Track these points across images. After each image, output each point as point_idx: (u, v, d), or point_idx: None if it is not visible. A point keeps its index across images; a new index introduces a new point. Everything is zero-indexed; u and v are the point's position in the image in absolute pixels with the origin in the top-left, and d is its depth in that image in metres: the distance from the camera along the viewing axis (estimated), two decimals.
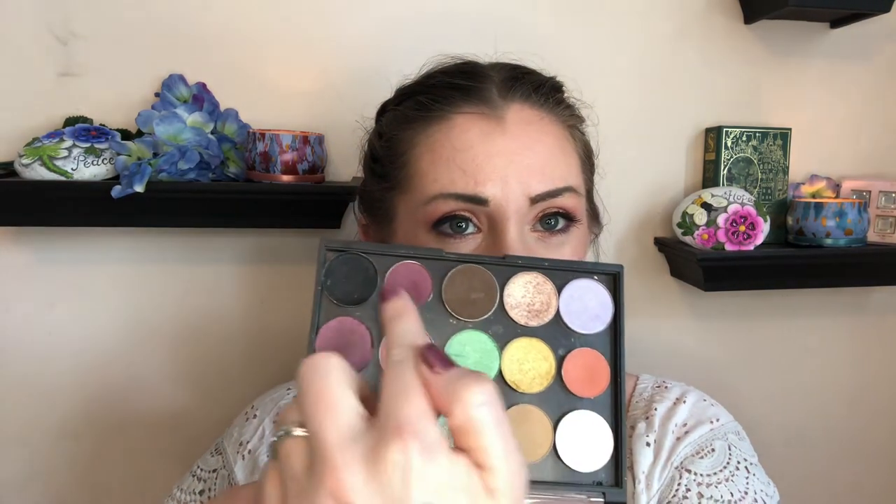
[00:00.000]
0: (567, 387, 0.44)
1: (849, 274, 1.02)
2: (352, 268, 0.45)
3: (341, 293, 0.44)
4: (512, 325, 0.45)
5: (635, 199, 1.05)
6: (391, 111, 0.67)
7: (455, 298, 0.45)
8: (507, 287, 0.46)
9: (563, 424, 0.43)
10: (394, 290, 0.37)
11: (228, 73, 0.91)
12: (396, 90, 0.69)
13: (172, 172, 0.83)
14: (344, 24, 0.94)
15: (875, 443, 1.16)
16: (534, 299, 0.46)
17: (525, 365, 0.44)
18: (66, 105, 0.88)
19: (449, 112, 0.61)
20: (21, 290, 0.91)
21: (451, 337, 0.44)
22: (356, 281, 0.44)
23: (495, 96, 0.61)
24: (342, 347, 0.43)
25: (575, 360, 0.45)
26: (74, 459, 0.95)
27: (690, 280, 1.02)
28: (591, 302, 0.46)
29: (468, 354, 0.44)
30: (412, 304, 0.37)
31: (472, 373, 0.32)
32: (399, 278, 0.45)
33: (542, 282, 0.46)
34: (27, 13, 0.87)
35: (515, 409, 0.43)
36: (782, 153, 1.03)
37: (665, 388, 0.71)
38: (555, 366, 0.44)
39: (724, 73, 1.04)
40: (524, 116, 0.61)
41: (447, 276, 0.45)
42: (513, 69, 0.65)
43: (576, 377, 0.44)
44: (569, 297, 0.46)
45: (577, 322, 0.45)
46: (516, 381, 0.44)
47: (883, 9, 0.97)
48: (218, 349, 0.96)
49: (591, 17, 1.00)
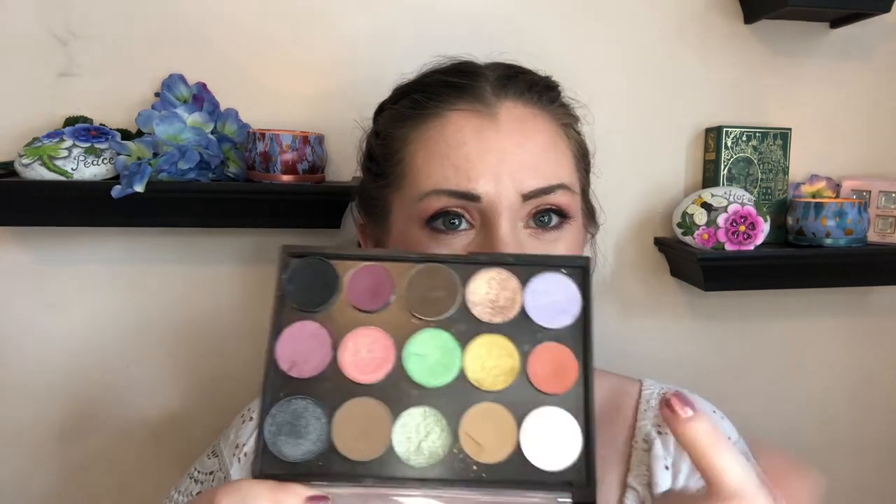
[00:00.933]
0: (532, 383, 0.43)
1: (849, 274, 1.02)
2: (313, 272, 0.45)
3: (302, 297, 0.44)
4: (475, 322, 0.44)
5: (635, 198, 1.04)
6: (388, 110, 0.67)
7: (416, 297, 0.44)
8: (470, 284, 0.45)
9: (529, 422, 0.42)
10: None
11: (228, 73, 0.91)
12: (393, 90, 0.70)
13: (172, 172, 0.83)
14: (344, 24, 0.94)
15: (875, 442, 1.16)
16: (498, 295, 0.45)
17: (488, 362, 0.43)
18: (66, 105, 0.89)
19: (443, 109, 0.61)
20: (21, 290, 0.91)
21: (410, 336, 0.44)
22: (317, 285, 0.44)
23: (489, 94, 0.61)
24: (302, 352, 0.43)
25: (541, 355, 0.43)
26: (74, 459, 0.95)
27: (690, 280, 1.02)
28: (559, 296, 0.45)
29: (429, 353, 0.43)
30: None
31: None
32: (360, 281, 0.45)
33: (507, 277, 0.45)
34: (27, 13, 0.87)
35: (478, 407, 0.42)
36: (782, 153, 1.03)
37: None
38: (519, 362, 0.43)
39: (724, 73, 1.04)
40: (517, 114, 0.61)
41: (409, 276, 0.45)
42: (507, 68, 0.66)
43: (542, 374, 0.43)
44: (534, 292, 0.45)
45: (543, 317, 0.44)
46: (479, 378, 0.43)
47: (883, 9, 0.97)
48: (218, 349, 0.96)
49: (591, 17, 1.00)
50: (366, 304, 0.44)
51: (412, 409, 0.42)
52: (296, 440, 0.41)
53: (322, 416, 0.42)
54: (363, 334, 0.44)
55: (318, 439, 0.41)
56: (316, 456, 0.41)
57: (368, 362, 0.43)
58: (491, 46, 0.76)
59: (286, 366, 0.43)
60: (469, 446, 0.41)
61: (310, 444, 0.41)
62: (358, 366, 0.43)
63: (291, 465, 0.41)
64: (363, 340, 0.44)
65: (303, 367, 0.43)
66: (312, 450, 0.41)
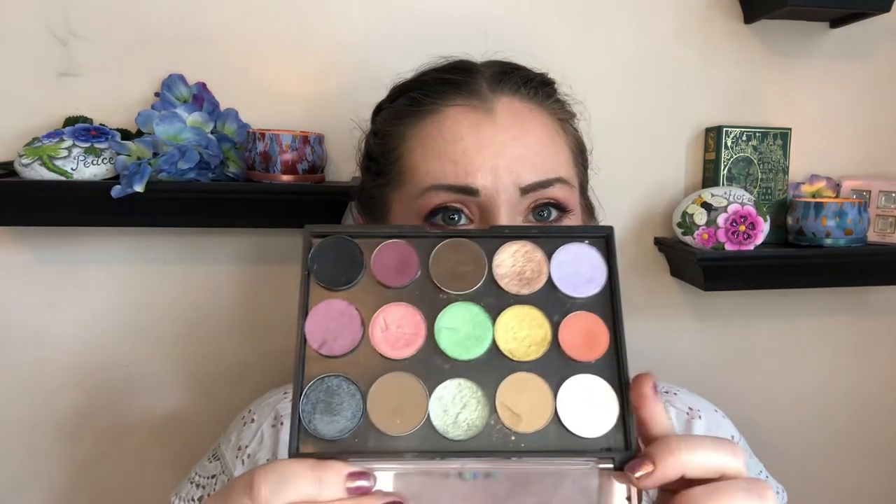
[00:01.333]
0: (565, 352, 0.43)
1: (849, 274, 1.02)
2: (337, 251, 0.45)
3: (328, 277, 0.44)
4: (503, 294, 0.44)
5: (635, 198, 1.04)
6: (385, 109, 0.68)
7: (443, 273, 0.45)
8: (496, 258, 0.45)
9: (564, 390, 0.42)
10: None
11: (228, 73, 0.91)
12: (390, 89, 0.70)
13: (172, 172, 0.83)
14: (344, 24, 0.94)
15: (875, 442, 1.16)
16: (524, 267, 0.45)
17: (520, 333, 0.44)
18: (66, 105, 0.89)
19: (440, 105, 0.61)
20: (21, 290, 0.91)
21: (441, 311, 0.44)
22: (342, 264, 0.44)
23: (485, 89, 0.62)
24: (332, 330, 0.43)
25: (571, 324, 0.44)
26: (74, 459, 0.95)
27: (690, 280, 1.02)
28: (584, 266, 0.45)
29: (460, 327, 0.43)
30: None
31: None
32: (385, 258, 0.45)
33: (531, 250, 0.46)
34: (27, 13, 0.87)
35: (512, 377, 0.42)
36: (782, 153, 1.03)
37: (673, 394, 0.72)
38: (550, 332, 0.44)
39: (724, 73, 1.04)
40: (514, 108, 0.61)
41: (433, 252, 0.45)
42: (503, 65, 0.66)
43: (573, 342, 0.43)
44: (560, 263, 0.45)
45: (570, 286, 0.45)
46: (511, 349, 0.43)
47: (883, 9, 0.97)
48: (217, 349, 0.96)
49: (591, 16, 1.00)
50: (393, 280, 0.44)
51: (447, 382, 0.42)
52: (331, 417, 0.41)
53: (356, 393, 0.42)
54: (392, 310, 0.44)
55: (354, 416, 0.41)
56: (352, 433, 0.41)
57: (399, 338, 0.43)
58: (490, 46, 0.76)
59: (316, 344, 0.43)
60: (506, 417, 0.41)
61: (346, 421, 0.41)
62: (389, 341, 0.43)
63: (328, 444, 0.41)
64: (392, 316, 0.44)
65: (333, 346, 0.43)
66: (349, 427, 0.41)
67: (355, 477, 0.38)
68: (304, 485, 0.37)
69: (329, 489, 0.38)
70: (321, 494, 0.37)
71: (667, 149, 1.05)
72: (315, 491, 0.37)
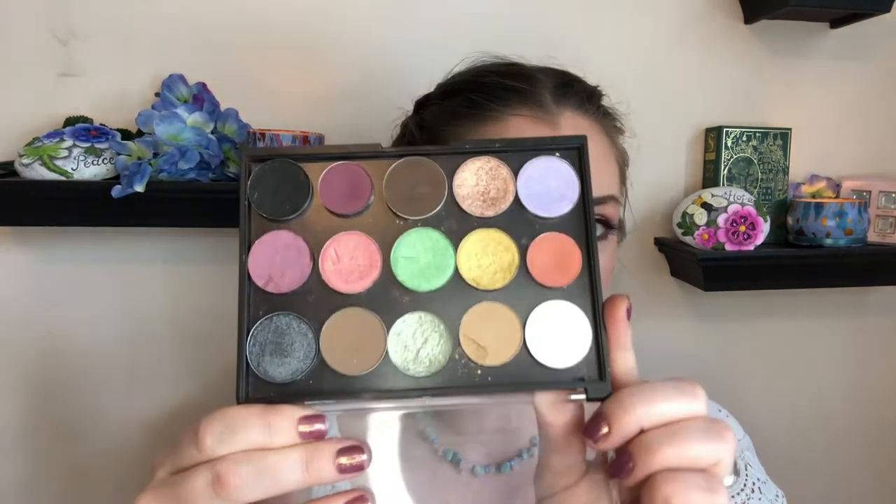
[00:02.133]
0: (534, 277, 0.39)
1: (849, 274, 1.02)
2: (280, 176, 0.40)
3: (271, 205, 0.40)
4: (466, 217, 0.40)
5: (635, 199, 1.04)
6: (435, 105, 0.67)
7: (398, 196, 0.40)
8: (457, 177, 0.40)
9: (533, 319, 0.39)
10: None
11: (229, 73, 0.91)
12: (440, 85, 0.69)
13: (172, 172, 0.83)
14: (344, 24, 0.94)
15: (875, 442, 1.16)
16: (488, 186, 0.40)
17: (484, 259, 0.40)
18: (66, 105, 0.89)
19: (504, 113, 0.60)
20: (21, 290, 0.91)
21: (397, 239, 0.40)
22: (286, 190, 0.40)
23: (549, 102, 0.61)
24: (277, 265, 0.40)
25: (540, 247, 0.40)
26: (74, 459, 0.95)
27: (690, 280, 1.02)
28: (554, 182, 0.41)
29: (419, 255, 0.39)
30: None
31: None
32: (334, 182, 0.40)
33: (496, 166, 0.41)
34: (27, 13, 0.87)
35: (477, 308, 0.39)
36: (782, 153, 1.03)
37: None
38: (518, 256, 0.39)
39: (724, 73, 1.04)
40: (577, 124, 0.61)
41: (387, 173, 0.40)
42: (562, 75, 0.66)
43: (543, 266, 0.39)
44: (528, 180, 0.40)
45: (539, 205, 0.40)
46: (476, 277, 0.39)
47: (883, 9, 0.97)
48: (217, 349, 0.96)
49: (590, 16, 1.00)
50: (343, 207, 0.40)
51: (406, 315, 0.39)
52: (281, 359, 0.39)
53: (308, 332, 0.39)
54: (344, 240, 0.40)
55: (307, 356, 0.38)
56: (306, 374, 0.38)
57: (352, 270, 0.39)
58: (490, 47, 0.76)
59: (262, 281, 0.40)
60: (471, 350, 0.38)
61: (297, 362, 0.39)
62: (341, 274, 0.39)
63: (280, 387, 0.38)
64: (344, 247, 0.40)
65: (280, 282, 0.40)
66: (301, 368, 0.38)
67: (308, 421, 0.36)
68: (252, 431, 0.35)
69: (280, 435, 0.35)
70: (272, 441, 0.35)
71: (667, 149, 1.05)
72: (265, 438, 0.35)
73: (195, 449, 0.35)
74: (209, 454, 0.34)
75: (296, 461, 0.35)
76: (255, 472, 0.34)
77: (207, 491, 0.34)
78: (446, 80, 0.69)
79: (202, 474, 0.34)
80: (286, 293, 0.40)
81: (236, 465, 0.34)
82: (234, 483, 0.33)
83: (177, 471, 0.36)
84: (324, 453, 0.35)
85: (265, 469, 0.34)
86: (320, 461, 0.35)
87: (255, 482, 0.34)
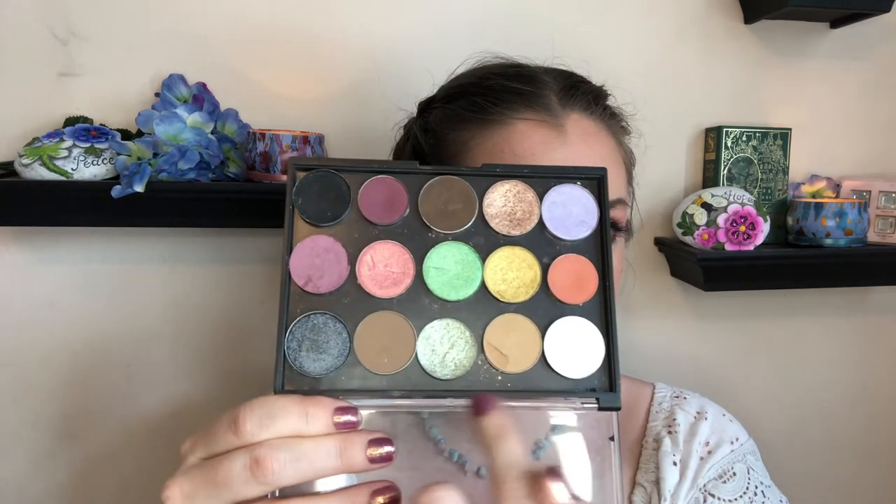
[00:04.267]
0: (554, 294, 0.43)
1: (849, 274, 1.02)
2: (323, 185, 0.44)
3: (314, 212, 0.43)
4: (493, 235, 0.44)
5: (635, 198, 1.04)
6: (440, 108, 0.66)
7: (432, 211, 0.44)
8: (487, 197, 0.44)
9: (552, 332, 0.42)
10: (489, 403, 0.38)
11: (228, 74, 0.91)
12: (443, 87, 0.69)
13: (172, 172, 0.83)
14: (344, 24, 0.94)
15: (875, 442, 1.16)
16: (515, 208, 0.45)
17: (509, 274, 0.43)
18: (66, 105, 0.89)
19: (508, 117, 0.60)
20: (21, 290, 0.91)
21: (430, 249, 0.43)
22: (328, 198, 0.43)
23: (555, 104, 0.61)
24: (317, 267, 0.42)
25: (561, 266, 0.44)
26: (74, 459, 0.95)
27: (690, 280, 1.02)
28: (575, 207, 0.45)
29: (449, 267, 0.43)
30: (509, 419, 0.38)
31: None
32: (373, 194, 0.44)
33: (523, 190, 0.45)
34: (27, 13, 0.87)
35: (500, 318, 0.42)
36: (782, 153, 1.03)
37: (683, 398, 0.72)
38: (540, 274, 0.43)
39: (723, 73, 1.04)
40: (584, 127, 0.61)
41: (423, 189, 0.44)
42: (568, 76, 0.66)
43: (562, 284, 0.43)
44: (551, 204, 0.45)
45: (561, 228, 0.44)
46: (500, 290, 0.43)
47: (883, 9, 0.97)
48: (218, 349, 0.96)
49: (590, 16, 1.00)
50: (381, 217, 0.43)
51: (435, 322, 0.42)
52: (317, 355, 0.41)
53: (343, 331, 0.42)
54: (380, 248, 0.43)
55: (341, 354, 0.41)
56: (339, 371, 0.41)
57: (387, 276, 0.43)
58: (490, 47, 0.76)
59: (301, 281, 0.42)
60: (494, 357, 0.42)
61: (332, 359, 0.41)
62: (376, 280, 0.43)
63: (314, 381, 0.41)
64: (380, 255, 0.43)
65: (319, 283, 0.42)
66: (335, 364, 0.41)
67: (343, 412, 0.38)
68: (291, 419, 0.37)
69: (316, 423, 0.37)
70: (308, 428, 0.37)
71: (667, 149, 1.05)
72: (302, 425, 0.37)
73: (233, 434, 0.36)
74: (248, 439, 0.36)
75: (331, 448, 0.37)
76: (292, 458, 0.36)
77: (244, 474, 0.35)
78: (450, 83, 0.69)
79: (240, 458, 0.36)
80: (324, 294, 0.42)
81: (275, 450, 0.36)
82: (273, 467, 0.35)
83: (210, 456, 0.37)
84: (356, 443, 0.37)
85: (302, 455, 0.36)
86: (353, 449, 0.37)
87: (293, 467, 0.36)
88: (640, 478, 0.66)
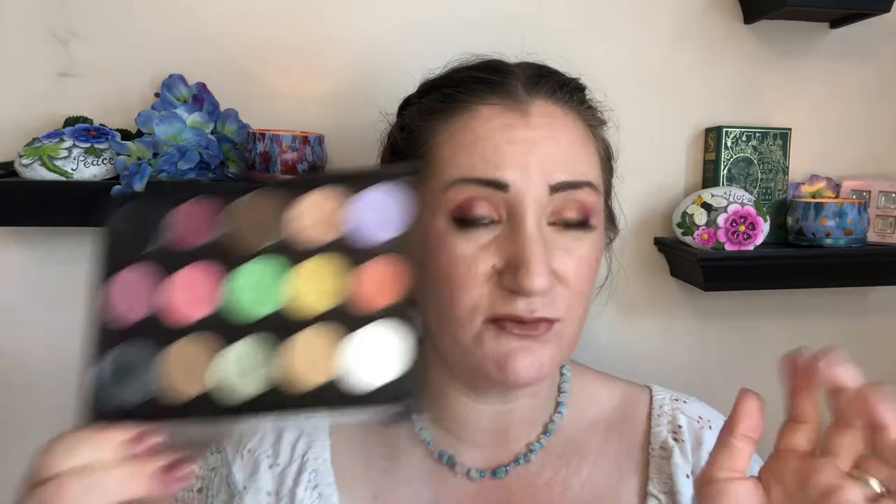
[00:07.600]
0: (358, 302, 0.42)
1: (849, 274, 1.02)
2: (137, 215, 0.45)
3: (126, 241, 0.44)
4: (301, 246, 0.44)
5: (635, 199, 1.04)
6: (415, 104, 0.67)
7: (241, 227, 0.44)
8: (295, 208, 0.44)
9: (355, 341, 0.42)
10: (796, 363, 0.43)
11: (228, 74, 0.91)
12: (420, 84, 0.69)
13: (172, 172, 0.83)
14: (344, 25, 0.94)
15: None
16: (323, 215, 0.44)
17: (314, 286, 0.43)
18: (66, 105, 0.89)
19: (473, 103, 0.60)
20: (21, 290, 0.91)
21: (236, 267, 0.43)
22: (141, 227, 0.44)
23: (520, 91, 0.61)
24: (128, 298, 0.43)
25: (367, 272, 0.43)
26: None
27: (690, 280, 1.02)
28: (383, 210, 0.44)
29: (254, 284, 0.43)
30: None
31: None
32: (185, 218, 0.44)
33: (331, 196, 0.44)
34: (27, 13, 0.87)
35: (304, 333, 0.42)
36: (782, 153, 1.03)
37: (683, 402, 0.71)
38: (345, 282, 0.43)
39: (724, 73, 1.04)
40: (548, 111, 0.61)
41: (232, 206, 0.45)
42: (538, 67, 0.66)
43: (368, 291, 0.43)
44: (360, 209, 0.44)
45: (368, 233, 0.44)
46: (304, 304, 0.43)
47: (883, 9, 0.97)
48: None
49: (589, 16, 1.00)
50: (192, 239, 0.44)
51: (238, 341, 0.42)
52: (124, 386, 0.42)
53: (152, 359, 0.42)
54: (189, 272, 0.43)
55: (149, 381, 0.42)
56: (147, 399, 0.42)
57: (195, 299, 0.43)
58: (490, 47, 0.76)
59: (112, 313, 0.43)
60: (298, 371, 0.41)
61: (140, 388, 0.42)
62: (185, 304, 0.43)
63: (123, 412, 0.42)
64: (189, 278, 0.43)
65: (129, 314, 0.43)
66: (144, 392, 0.42)
67: (135, 441, 0.40)
68: (85, 451, 0.40)
69: (107, 453, 0.40)
70: (101, 458, 0.40)
71: (667, 149, 1.05)
72: (96, 455, 0.40)
73: (42, 467, 0.41)
74: (53, 470, 0.40)
75: (120, 476, 0.40)
76: (83, 487, 0.39)
77: (52, 501, 0.39)
78: (424, 80, 0.69)
79: (48, 488, 0.40)
80: (133, 322, 0.43)
81: (71, 479, 0.39)
82: (67, 495, 0.39)
83: (32, 487, 0.41)
84: (145, 469, 0.40)
85: (92, 483, 0.39)
86: (141, 477, 0.40)
87: (85, 495, 0.39)
88: (653, 489, 0.65)
